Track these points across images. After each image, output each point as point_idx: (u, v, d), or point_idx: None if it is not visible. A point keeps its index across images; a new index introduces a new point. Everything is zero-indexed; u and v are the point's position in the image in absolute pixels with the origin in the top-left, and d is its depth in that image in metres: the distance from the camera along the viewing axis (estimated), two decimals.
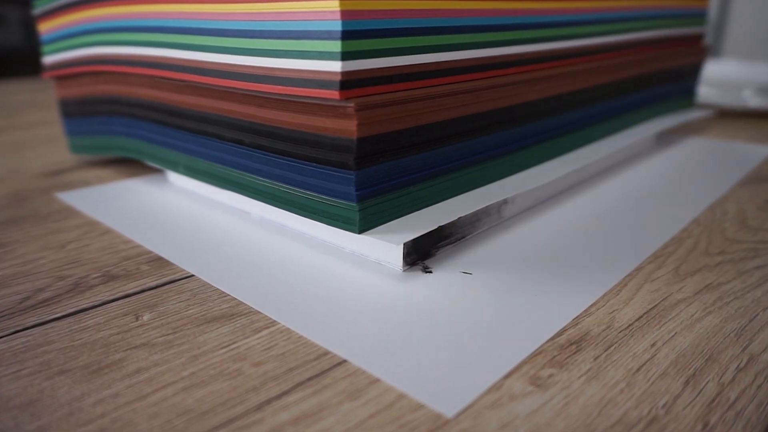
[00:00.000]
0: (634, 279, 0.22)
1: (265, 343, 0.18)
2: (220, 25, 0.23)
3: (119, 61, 0.31)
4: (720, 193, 0.31)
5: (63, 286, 0.21)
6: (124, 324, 0.19)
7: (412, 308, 0.20)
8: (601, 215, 0.28)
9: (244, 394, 0.16)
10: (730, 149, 0.40)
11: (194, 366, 0.17)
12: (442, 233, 0.23)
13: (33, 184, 0.34)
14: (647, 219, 0.27)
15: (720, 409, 0.15)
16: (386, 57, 0.20)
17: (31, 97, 0.69)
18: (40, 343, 0.18)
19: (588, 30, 0.31)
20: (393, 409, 0.15)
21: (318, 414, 0.15)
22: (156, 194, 0.31)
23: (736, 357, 0.17)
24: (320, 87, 0.20)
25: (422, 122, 0.22)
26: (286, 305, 0.20)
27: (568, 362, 0.17)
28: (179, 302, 0.20)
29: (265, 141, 0.23)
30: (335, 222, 0.22)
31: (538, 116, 0.29)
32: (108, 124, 0.34)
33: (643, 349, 0.18)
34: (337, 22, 0.19)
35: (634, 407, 0.15)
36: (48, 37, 0.35)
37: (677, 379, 0.16)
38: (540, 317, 0.19)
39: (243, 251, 0.24)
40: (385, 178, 0.21)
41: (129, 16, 0.28)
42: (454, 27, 0.23)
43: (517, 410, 0.15)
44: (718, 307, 0.20)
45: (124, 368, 0.17)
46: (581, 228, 0.26)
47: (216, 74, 0.24)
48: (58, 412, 0.15)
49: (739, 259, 0.24)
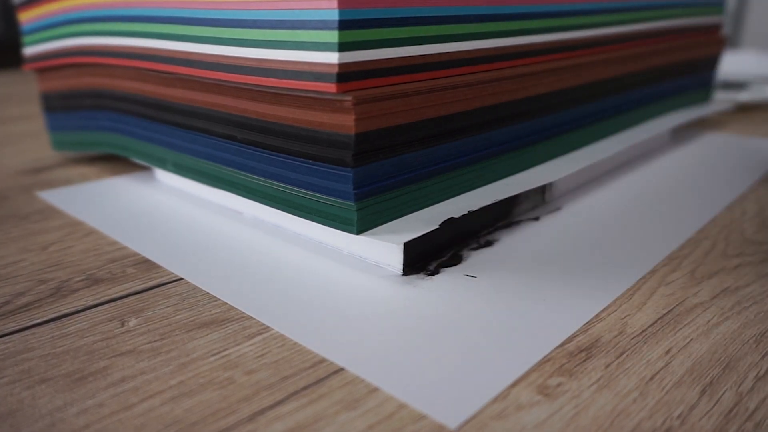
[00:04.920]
0: (648, 282, 0.22)
1: (258, 350, 0.18)
2: (210, 14, 0.23)
3: (104, 52, 0.31)
4: (739, 191, 0.31)
5: (44, 290, 0.21)
6: (109, 330, 0.19)
7: (413, 313, 0.20)
8: (613, 215, 0.28)
9: (235, 404, 0.16)
10: (750, 145, 0.40)
11: (183, 374, 0.17)
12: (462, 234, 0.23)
13: (13, 183, 0.34)
14: (661, 219, 0.27)
15: (738, 420, 0.15)
16: (386, 48, 0.20)
17: (10, 90, 0.69)
18: (20, 350, 0.18)
19: (598, 20, 0.31)
20: (393, 420, 0.15)
21: (314, 425, 0.15)
22: (143, 193, 0.31)
23: (755, 365, 0.17)
24: (316, 80, 0.20)
25: (424, 117, 0.22)
26: (280, 310, 0.20)
27: (577, 370, 0.17)
28: (167, 307, 0.20)
29: (258, 137, 0.23)
30: (332, 222, 0.22)
31: (545, 111, 0.29)
32: (92, 119, 0.34)
33: (657, 356, 0.18)
34: (333, 11, 0.19)
35: (648, 418, 0.15)
36: (29, 27, 0.35)
37: (693, 387, 0.16)
38: (548, 323, 0.19)
39: (235, 253, 0.24)
40: (384, 175, 0.21)
41: (114, 5, 0.28)
42: (457, 16, 0.23)
43: (524, 421, 0.15)
44: (737, 312, 0.20)
45: (108, 376, 0.17)
46: (591, 229, 0.26)
47: (206, 66, 0.24)
48: (39, 422, 0.15)
49: (758, 261, 0.24)
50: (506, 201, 0.26)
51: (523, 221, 0.27)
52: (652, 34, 0.37)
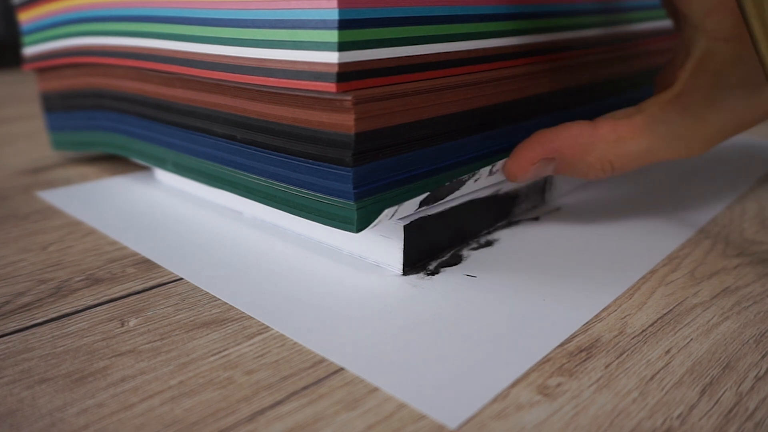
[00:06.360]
0: (648, 282, 0.22)
1: (258, 350, 0.18)
2: (210, 14, 0.23)
3: (104, 52, 0.31)
4: (739, 191, 0.31)
5: (44, 290, 0.21)
6: (109, 330, 0.19)
7: (412, 313, 0.20)
8: (613, 215, 0.28)
9: (235, 404, 0.16)
10: (750, 145, 0.40)
11: (183, 374, 0.17)
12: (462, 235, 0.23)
13: (12, 182, 0.34)
14: (661, 219, 0.27)
15: (738, 420, 0.15)
16: (386, 47, 0.20)
17: (10, 90, 0.69)
18: (20, 350, 0.18)
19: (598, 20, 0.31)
20: (392, 420, 0.15)
21: (313, 425, 0.15)
22: (143, 193, 0.31)
23: (755, 364, 0.17)
24: (316, 79, 0.20)
25: (424, 116, 0.22)
26: (279, 310, 0.20)
27: (577, 370, 0.17)
28: (167, 307, 0.20)
29: (258, 136, 0.23)
30: (332, 221, 0.22)
31: (547, 111, 0.29)
32: (92, 119, 0.34)
33: (657, 356, 0.18)
34: (333, 10, 0.19)
35: (648, 418, 0.15)
36: (29, 27, 0.35)
37: (693, 387, 0.16)
38: (548, 323, 0.19)
39: (234, 253, 0.24)
40: (384, 175, 0.21)
41: (114, 5, 0.29)
42: (458, 16, 0.23)
43: (524, 421, 0.15)
44: (737, 312, 0.20)
45: (108, 376, 0.17)
46: (591, 229, 0.26)
47: (206, 66, 0.24)
48: (38, 422, 0.15)
49: (758, 261, 0.24)
50: (506, 201, 0.26)
51: (523, 221, 0.27)
52: (652, 33, 0.37)
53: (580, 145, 0.23)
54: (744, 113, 0.23)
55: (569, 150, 0.23)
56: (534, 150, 0.23)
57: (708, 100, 0.22)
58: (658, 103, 0.23)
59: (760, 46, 0.19)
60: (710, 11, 0.22)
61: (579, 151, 0.23)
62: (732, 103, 0.22)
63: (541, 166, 0.24)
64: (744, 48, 0.22)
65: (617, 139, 0.23)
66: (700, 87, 0.23)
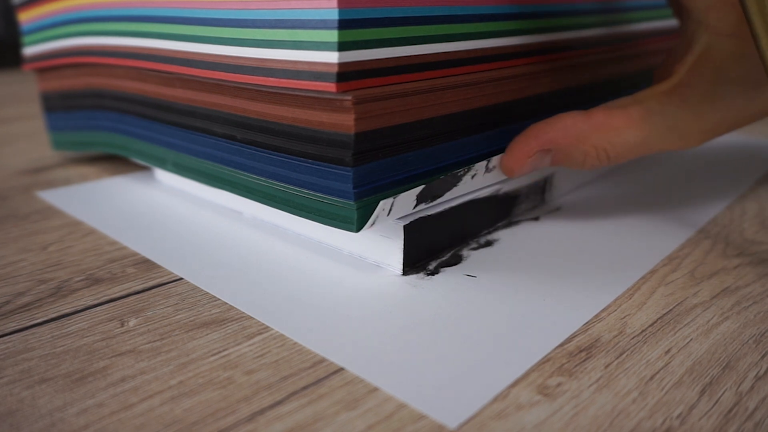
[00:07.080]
0: (648, 282, 0.22)
1: (258, 350, 0.18)
2: (210, 14, 0.23)
3: (104, 52, 0.31)
4: (739, 191, 0.31)
5: (44, 290, 0.21)
6: (109, 330, 0.19)
7: (412, 313, 0.20)
8: (613, 215, 0.28)
9: (235, 404, 0.16)
10: (750, 145, 0.40)
11: (183, 374, 0.17)
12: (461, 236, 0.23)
13: (12, 182, 0.34)
14: (661, 219, 0.27)
15: (738, 420, 0.15)
16: (386, 47, 0.20)
17: (10, 90, 0.69)
18: (20, 350, 0.18)
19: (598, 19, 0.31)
20: (392, 420, 0.15)
21: (313, 425, 0.15)
22: (143, 193, 0.31)
23: (755, 364, 0.17)
24: (316, 79, 0.20)
25: (424, 116, 0.22)
26: (279, 310, 0.20)
27: (577, 370, 0.17)
28: (167, 307, 0.20)
29: (258, 136, 0.23)
30: (332, 221, 0.22)
31: (547, 111, 0.29)
32: (92, 119, 0.34)
33: (656, 356, 0.18)
34: (333, 10, 0.19)
35: (648, 418, 0.15)
36: (29, 27, 0.35)
37: (693, 387, 0.16)
38: (548, 323, 0.19)
39: (234, 253, 0.24)
40: (384, 175, 0.21)
41: (114, 5, 0.29)
42: (458, 16, 0.23)
43: (524, 421, 0.15)
44: (736, 312, 0.20)
45: (108, 376, 0.17)
46: (591, 229, 0.26)
47: (206, 66, 0.24)
48: (38, 422, 0.15)
49: (758, 261, 0.24)
50: (506, 201, 0.26)
51: (523, 221, 0.27)
52: (652, 33, 0.37)
53: (575, 135, 0.23)
54: (742, 110, 0.23)
55: (564, 140, 0.23)
56: (529, 143, 0.23)
57: (707, 95, 0.23)
58: (654, 94, 0.23)
59: (761, 42, 0.19)
60: (713, 6, 0.22)
61: (574, 141, 0.23)
62: (731, 99, 0.22)
63: (537, 158, 0.24)
64: (746, 45, 0.22)
65: (612, 128, 0.23)
66: (700, 81, 0.23)
